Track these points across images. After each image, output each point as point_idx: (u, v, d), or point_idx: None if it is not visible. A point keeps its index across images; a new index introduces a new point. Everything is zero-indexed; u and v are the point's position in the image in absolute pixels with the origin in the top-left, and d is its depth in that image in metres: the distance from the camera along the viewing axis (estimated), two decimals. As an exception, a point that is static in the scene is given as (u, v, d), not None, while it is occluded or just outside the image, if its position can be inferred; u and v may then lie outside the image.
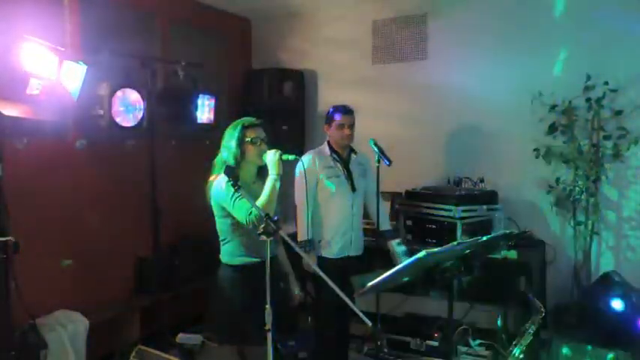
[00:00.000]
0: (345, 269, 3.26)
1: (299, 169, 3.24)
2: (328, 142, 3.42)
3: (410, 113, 4.60)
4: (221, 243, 2.67)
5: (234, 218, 2.52)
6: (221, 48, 4.99)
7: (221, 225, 2.63)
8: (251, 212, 2.39)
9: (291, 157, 2.52)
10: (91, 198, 3.75)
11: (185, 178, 3.66)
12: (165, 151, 4.04)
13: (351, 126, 3.34)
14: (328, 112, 3.42)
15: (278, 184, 2.49)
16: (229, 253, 2.64)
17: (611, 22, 3.84)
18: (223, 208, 2.55)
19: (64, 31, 3.55)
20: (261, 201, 2.43)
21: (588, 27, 3.90)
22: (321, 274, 2.12)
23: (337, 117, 3.33)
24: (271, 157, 2.50)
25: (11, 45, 2.70)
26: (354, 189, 3.35)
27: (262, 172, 2.63)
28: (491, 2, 4.27)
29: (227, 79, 4.99)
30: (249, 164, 2.63)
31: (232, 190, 2.42)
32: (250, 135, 2.58)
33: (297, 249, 2.32)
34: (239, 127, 2.60)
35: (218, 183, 2.55)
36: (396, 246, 3.44)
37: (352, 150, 3.45)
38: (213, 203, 2.61)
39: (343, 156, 3.39)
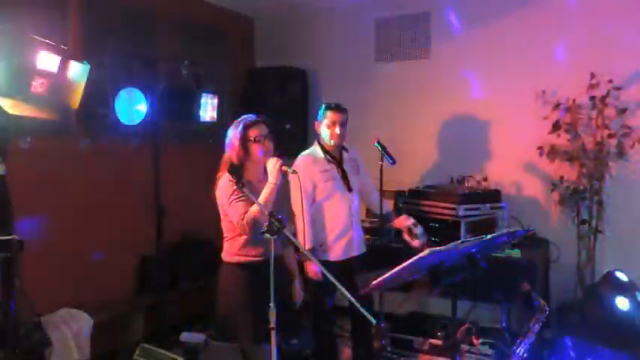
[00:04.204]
0: (348, 270, 3.24)
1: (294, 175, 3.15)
2: (319, 143, 3.32)
3: (413, 112, 4.59)
4: (224, 240, 2.67)
5: None
6: (224, 47, 5.00)
7: (225, 223, 2.63)
8: (243, 217, 2.39)
9: (290, 169, 2.52)
10: (95, 197, 3.76)
11: (188, 177, 3.68)
12: (168, 149, 4.04)
13: (342, 125, 3.23)
14: (320, 109, 3.32)
15: (274, 192, 2.48)
16: (232, 251, 2.62)
17: (616, 19, 3.83)
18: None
19: (68, 30, 3.56)
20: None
21: (592, 25, 3.89)
22: (331, 278, 2.11)
23: (328, 115, 3.23)
24: (271, 165, 2.51)
25: (16, 43, 2.70)
26: (350, 189, 3.30)
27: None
28: (493, 1, 4.26)
29: (230, 78, 4.99)
30: (255, 163, 2.62)
31: (231, 190, 2.43)
32: (253, 134, 2.57)
33: (302, 249, 2.32)
34: (240, 127, 2.58)
35: (221, 182, 2.56)
36: (414, 226, 3.30)
37: (343, 148, 3.37)
38: (218, 201, 2.61)
39: (336, 155, 3.31)
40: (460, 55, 4.38)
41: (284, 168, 2.52)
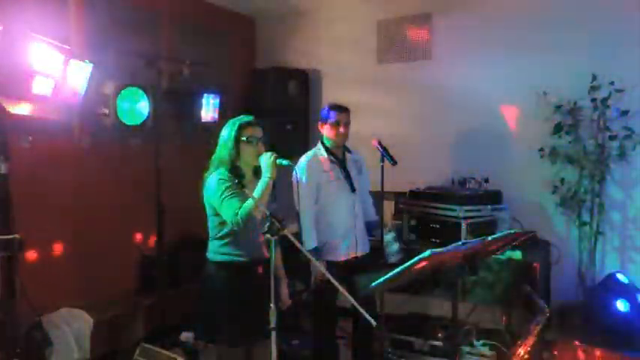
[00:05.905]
0: (351, 270, 3.24)
1: (298, 175, 3.07)
2: (322, 143, 3.35)
3: (414, 113, 4.59)
4: (209, 239, 2.62)
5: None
6: (226, 47, 5.00)
7: (212, 222, 2.59)
8: (237, 213, 2.36)
9: (285, 162, 2.45)
10: (96, 196, 3.76)
11: (189, 177, 3.64)
12: (169, 149, 4.04)
13: (346, 124, 3.28)
14: (323, 110, 3.35)
15: (270, 187, 2.43)
16: (216, 250, 2.59)
17: (617, 21, 3.82)
18: (214, 206, 2.52)
19: (70, 30, 3.56)
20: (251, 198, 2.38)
21: (594, 27, 3.88)
22: (333, 280, 2.10)
23: (332, 115, 3.26)
24: (266, 159, 2.46)
25: (17, 43, 2.71)
26: (353, 189, 3.31)
27: (259, 173, 2.54)
28: (495, 2, 4.26)
29: (231, 78, 4.99)
30: (245, 164, 2.58)
31: (222, 188, 2.41)
32: (247, 134, 2.53)
33: (306, 253, 2.30)
34: (236, 126, 2.55)
35: (210, 180, 2.52)
36: (390, 243, 3.35)
37: (346, 149, 3.40)
38: (205, 200, 2.57)
39: (339, 156, 3.33)
40: (461, 56, 4.38)
41: (279, 161, 2.45)
